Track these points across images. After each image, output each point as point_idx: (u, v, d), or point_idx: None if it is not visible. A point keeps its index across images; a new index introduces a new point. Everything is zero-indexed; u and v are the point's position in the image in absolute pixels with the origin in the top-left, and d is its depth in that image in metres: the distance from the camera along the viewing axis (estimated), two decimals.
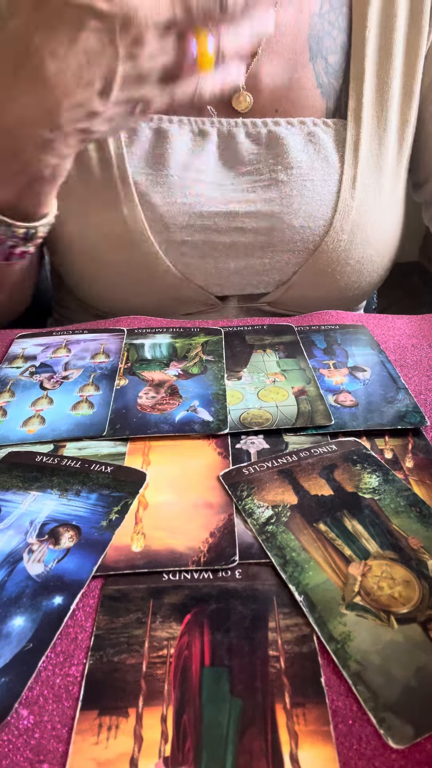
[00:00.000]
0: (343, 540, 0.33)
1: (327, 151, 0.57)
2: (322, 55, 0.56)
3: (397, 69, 0.56)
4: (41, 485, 0.37)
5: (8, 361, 0.51)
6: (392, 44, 0.56)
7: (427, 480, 0.37)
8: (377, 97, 0.57)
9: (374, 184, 0.58)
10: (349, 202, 0.57)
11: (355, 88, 0.56)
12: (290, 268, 0.60)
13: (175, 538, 0.33)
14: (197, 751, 0.24)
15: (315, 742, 0.24)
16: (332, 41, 0.56)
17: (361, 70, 0.56)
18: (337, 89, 0.57)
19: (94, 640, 0.28)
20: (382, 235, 0.61)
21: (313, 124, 0.57)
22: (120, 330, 0.55)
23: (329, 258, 0.59)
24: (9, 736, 0.25)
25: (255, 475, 0.37)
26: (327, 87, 0.57)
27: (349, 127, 0.57)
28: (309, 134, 0.56)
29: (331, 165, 0.57)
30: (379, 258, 0.62)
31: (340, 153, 0.57)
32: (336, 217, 0.57)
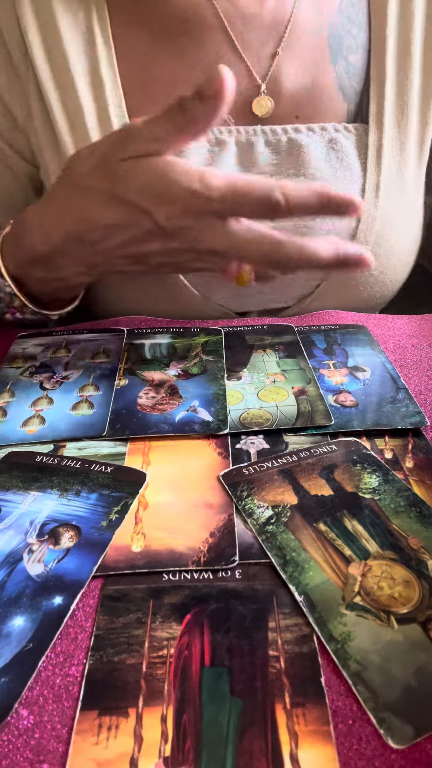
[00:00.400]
0: (343, 540, 0.33)
1: (349, 159, 0.55)
2: (343, 55, 0.54)
3: (416, 67, 0.54)
4: (41, 485, 0.37)
5: (8, 361, 0.51)
6: (411, 42, 0.54)
7: (427, 480, 0.37)
8: (398, 100, 0.55)
9: (397, 191, 0.56)
10: (372, 212, 0.55)
11: (377, 90, 0.54)
12: (313, 282, 0.58)
13: (175, 538, 0.33)
14: (197, 751, 0.24)
15: (315, 742, 0.24)
16: (353, 39, 0.54)
17: (382, 70, 0.54)
18: (358, 91, 0.55)
19: (94, 640, 0.28)
20: (405, 242, 0.59)
21: (334, 130, 0.54)
22: (120, 330, 0.55)
23: None
24: (9, 736, 0.25)
25: (255, 475, 0.37)
26: (348, 89, 0.55)
27: (372, 132, 0.55)
28: (330, 141, 0.54)
29: (353, 173, 0.55)
30: (402, 266, 0.61)
31: (362, 160, 0.55)
32: (360, 228, 0.55)
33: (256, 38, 0.52)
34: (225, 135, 0.54)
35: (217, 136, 0.53)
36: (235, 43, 0.52)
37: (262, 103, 0.54)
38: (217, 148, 0.54)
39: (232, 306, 0.60)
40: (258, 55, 0.53)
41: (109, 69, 0.52)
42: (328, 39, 0.54)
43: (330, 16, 0.54)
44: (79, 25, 0.51)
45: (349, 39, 0.54)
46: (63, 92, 0.52)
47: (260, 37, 0.52)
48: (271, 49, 0.53)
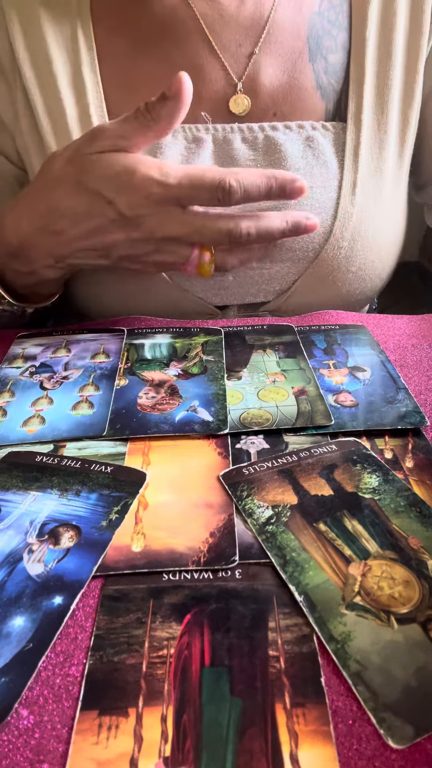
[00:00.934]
0: (343, 540, 0.33)
1: (326, 156, 0.55)
2: (322, 55, 0.55)
3: (398, 69, 0.55)
4: (41, 485, 0.37)
5: (8, 361, 0.51)
6: (392, 43, 0.54)
7: (427, 480, 0.37)
8: (378, 99, 0.55)
9: (375, 189, 0.57)
10: (348, 208, 0.56)
11: (356, 90, 0.55)
12: (290, 277, 0.59)
13: (175, 538, 0.33)
14: (197, 751, 0.24)
15: (315, 742, 0.24)
16: (332, 40, 0.55)
17: (361, 70, 0.55)
18: (337, 90, 0.56)
19: (94, 640, 0.28)
20: (384, 240, 0.60)
21: (311, 128, 0.55)
22: (120, 330, 0.55)
23: (330, 266, 0.58)
24: (9, 736, 0.25)
25: (255, 475, 0.37)
26: (327, 88, 0.56)
27: (349, 131, 0.55)
28: (307, 139, 0.55)
29: (330, 171, 0.55)
30: (381, 263, 0.61)
31: (339, 158, 0.56)
32: (336, 224, 0.56)
33: (233, 39, 0.54)
34: (202, 132, 0.55)
35: (195, 134, 0.54)
36: (212, 44, 0.53)
37: (239, 101, 0.55)
38: (194, 144, 0.55)
39: (212, 299, 0.60)
40: (235, 56, 0.54)
41: (91, 73, 0.54)
42: (307, 39, 0.55)
43: (309, 17, 0.55)
44: (64, 32, 0.53)
45: (329, 40, 0.55)
46: (47, 96, 0.54)
47: (237, 37, 0.54)
48: (249, 49, 0.54)
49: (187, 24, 0.53)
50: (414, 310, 0.61)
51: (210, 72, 0.54)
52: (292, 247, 0.57)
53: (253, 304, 0.62)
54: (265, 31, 0.54)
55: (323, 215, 0.56)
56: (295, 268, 0.58)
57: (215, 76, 0.54)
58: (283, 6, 0.54)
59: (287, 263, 0.58)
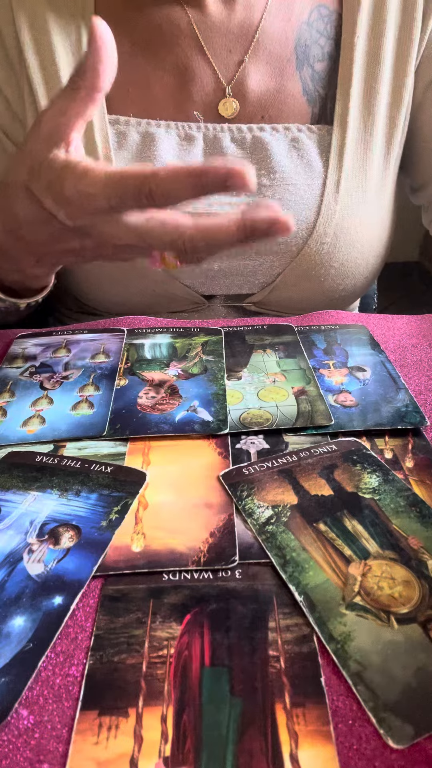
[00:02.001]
0: (343, 540, 0.33)
1: (310, 156, 0.57)
2: (309, 63, 0.57)
3: (386, 74, 0.57)
4: (41, 485, 0.37)
5: (8, 361, 0.51)
6: (381, 49, 0.56)
7: (427, 480, 0.37)
8: (364, 102, 0.57)
9: (359, 188, 0.59)
10: (332, 205, 0.58)
11: (342, 94, 0.57)
12: (274, 270, 0.60)
13: (175, 538, 0.33)
14: (197, 751, 0.24)
15: (315, 742, 0.24)
16: (320, 49, 0.57)
17: (348, 75, 0.56)
18: (323, 96, 0.58)
19: (94, 640, 0.28)
20: (368, 238, 0.61)
21: (297, 129, 0.57)
22: (120, 330, 0.55)
23: (313, 261, 0.59)
24: (9, 736, 0.25)
25: (255, 475, 0.37)
26: (313, 94, 0.58)
27: (335, 133, 0.57)
28: (293, 140, 0.57)
29: (314, 170, 0.57)
30: (364, 261, 0.63)
31: (324, 158, 0.58)
32: (319, 220, 0.58)
33: (224, 45, 0.56)
34: (194, 130, 0.57)
35: (187, 131, 0.57)
36: (204, 49, 0.56)
37: (228, 104, 0.57)
38: (185, 142, 0.57)
39: (198, 288, 0.62)
40: (225, 61, 0.57)
41: None
42: (295, 48, 0.57)
43: (298, 26, 0.57)
44: (69, 31, 0.55)
45: (316, 49, 0.57)
46: (50, 90, 0.55)
47: (228, 44, 0.56)
48: (239, 56, 0.57)
49: (181, 30, 0.55)
50: (414, 310, 0.61)
51: (201, 76, 0.56)
52: (276, 241, 0.58)
53: (239, 296, 0.63)
54: (255, 39, 0.56)
55: (306, 212, 0.58)
56: (278, 262, 0.60)
57: (206, 80, 0.57)
58: (272, 15, 0.56)
59: (271, 256, 0.59)
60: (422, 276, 2.21)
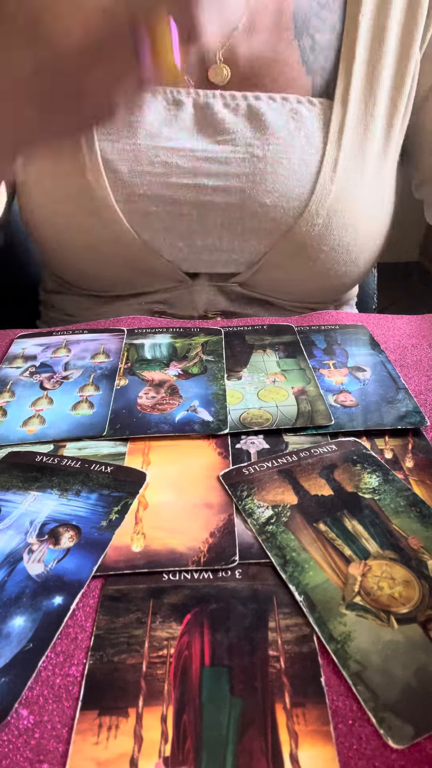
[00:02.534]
0: (343, 540, 0.33)
1: (309, 130, 0.55)
2: (308, 33, 0.55)
3: (390, 55, 0.55)
4: (41, 485, 0.37)
5: (8, 361, 0.51)
6: (386, 29, 0.54)
7: (427, 480, 0.37)
8: (366, 82, 0.55)
9: (357, 170, 0.56)
10: (327, 185, 0.55)
11: (345, 69, 0.55)
12: (261, 249, 0.58)
13: (175, 538, 0.33)
14: (197, 751, 0.24)
15: (315, 742, 0.24)
16: (320, 21, 0.55)
17: (351, 51, 0.54)
18: (326, 69, 0.56)
19: (94, 640, 0.28)
20: (363, 223, 0.59)
21: (297, 101, 0.55)
22: (120, 330, 0.55)
23: (302, 241, 0.57)
24: (9, 736, 0.25)
25: (255, 475, 0.37)
26: (313, 65, 0.55)
27: (336, 109, 0.55)
28: (291, 110, 0.55)
29: (313, 145, 0.55)
30: (357, 248, 0.60)
31: (323, 134, 0.55)
32: (312, 199, 0.55)
33: None
34: (183, 95, 0.54)
35: (175, 96, 0.54)
36: None
37: (218, 71, 0.54)
38: (173, 106, 0.54)
39: (180, 265, 0.59)
40: None
41: None
42: (294, 16, 0.54)
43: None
44: None
45: (316, 20, 0.55)
46: None
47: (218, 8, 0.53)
48: None
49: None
50: (414, 310, 0.61)
51: None
52: (264, 217, 0.56)
53: (224, 275, 0.61)
54: (248, 3, 0.53)
55: (299, 189, 0.55)
56: (266, 240, 0.58)
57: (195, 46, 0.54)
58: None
59: (258, 234, 0.57)
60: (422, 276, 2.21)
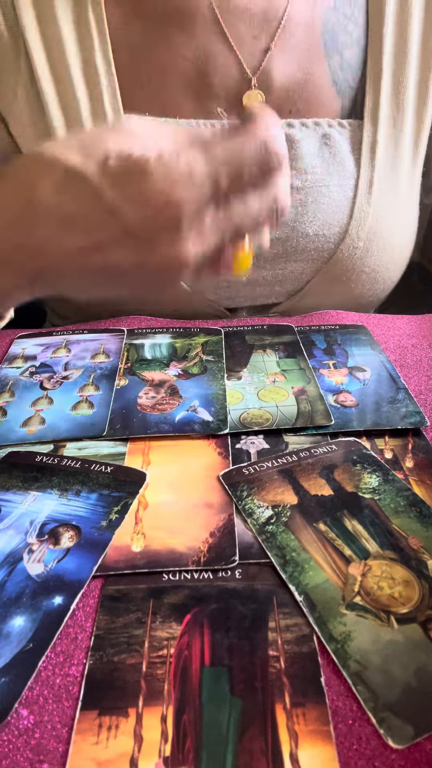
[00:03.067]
0: (343, 540, 0.33)
1: (343, 155, 0.54)
2: (338, 50, 0.54)
3: (413, 67, 0.54)
4: (41, 485, 0.37)
5: (8, 361, 0.51)
6: (408, 40, 0.54)
7: (427, 480, 0.37)
8: (393, 97, 0.54)
9: (391, 189, 0.56)
10: (365, 207, 0.55)
11: (373, 86, 0.54)
12: (304, 278, 0.58)
13: (175, 538, 0.33)
14: (197, 751, 0.24)
15: (315, 742, 0.24)
16: (348, 36, 0.54)
17: (378, 66, 0.54)
18: (353, 87, 0.55)
19: (94, 640, 0.28)
20: (398, 240, 0.59)
21: (328, 125, 0.54)
22: (120, 330, 0.55)
23: (344, 266, 0.57)
24: (9, 736, 0.25)
25: (255, 475, 0.37)
26: (342, 84, 0.55)
27: (366, 128, 0.54)
28: (324, 136, 0.54)
29: (346, 169, 0.55)
30: (394, 265, 0.60)
31: (356, 155, 0.55)
32: (352, 224, 0.55)
33: (249, 32, 0.52)
34: None
35: None
36: (227, 35, 0.51)
37: (253, 97, 0.53)
38: None
39: (222, 302, 0.59)
40: (250, 49, 0.52)
41: (103, 60, 0.51)
42: (323, 34, 0.53)
43: (324, 11, 0.53)
44: (75, 18, 0.50)
45: (344, 35, 0.54)
46: (57, 81, 0.51)
47: (252, 31, 0.52)
48: (264, 43, 0.52)
49: (201, 12, 0.51)
50: (414, 310, 0.61)
51: (224, 66, 0.52)
52: (307, 247, 0.56)
53: (265, 306, 0.61)
54: (281, 25, 0.52)
55: (339, 214, 0.55)
56: (309, 269, 0.57)
57: (229, 71, 0.52)
58: (297, 0, 0.52)
59: (301, 263, 0.57)
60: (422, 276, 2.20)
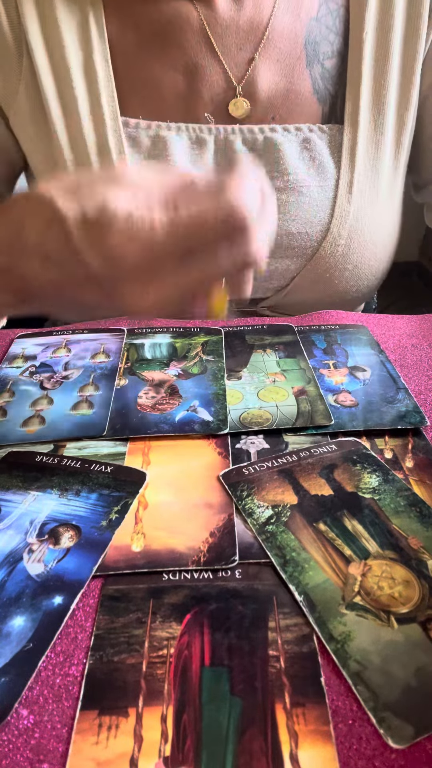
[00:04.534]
0: (343, 540, 0.33)
1: (322, 157, 0.57)
2: (319, 61, 0.57)
3: (395, 70, 0.56)
4: (41, 485, 0.37)
5: (8, 361, 0.51)
6: (389, 45, 0.55)
7: (427, 480, 0.37)
8: (374, 100, 0.57)
9: (371, 188, 0.58)
10: (345, 206, 0.58)
11: (352, 92, 0.56)
12: (288, 274, 0.60)
13: (175, 538, 0.33)
14: (197, 751, 0.24)
15: (315, 742, 0.24)
16: (329, 46, 0.57)
17: (357, 73, 0.56)
18: (333, 94, 0.58)
19: (94, 640, 0.28)
20: (380, 238, 0.61)
21: (308, 130, 0.57)
22: (120, 330, 0.55)
23: (327, 263, 0.59)
24: (9, 736, 0.25)
25: (255, 475, 0.37)
26: (323, 92, 0.57)
27: (346, 132, 0.57)
28: (304, 140, 0.57)
29: (327, 171, 0.57)
30: (377, 261, 0.62)
31: (336, 158, 0.57)
32: (333, 222, 0.58)
33: (234, 43, 0.55)
34: (205, 133, 0.56)
35: (198, 134, 0.56)
36: (214, 47, 0.55)
37: (239, 104, 0.56)
38: (196, 145, 0.56)
39: None
40: (235, 60, 0.55)
41: (103, 62, 0.54)
42: (305, 45, 0.56)
43: (307, 23, 0.56)
44: (76, 20, 0.53)
45: (326, 45, 0.56)
46: (58, 81, 0.53)
47: (238, 42, 0.55)
48: (249, 53, 0.56)
49: (191, 26, 0.54)
50: (414, 310, 0.61)
51: (211, 75, 0.55)
52: (291, 244, 0.58)
53: (252, 300, 0.63)
54: (265, 37, 0.55)
55: (320, 214, 0.57)
56: (293, 265, 0.60)
57: (216, 79, 0.56)
58: (281, 11, 0.55)
59: (285, 260, 0.59)
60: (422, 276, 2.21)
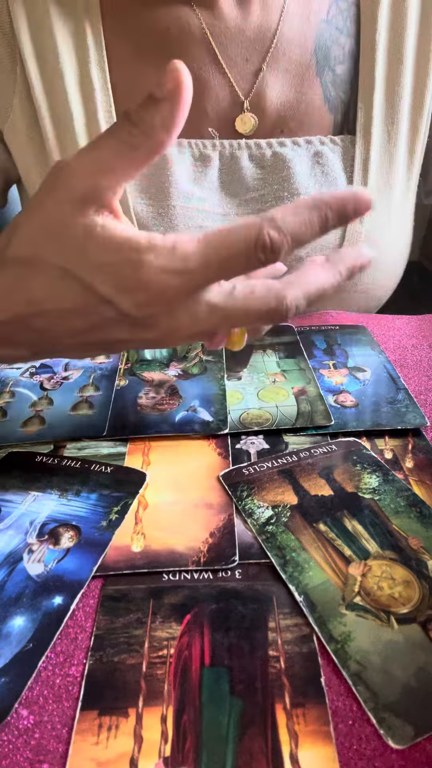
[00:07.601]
0: (343, 540, 0.33)
1: (335, 173, 0.54)
2: (330, 67, 0.53)
3: (408, 74, 0.53)
4: (41, 485, 0.37)
5: None
6: (403, 46, 0.52)
7: (427, 480, 0.37)
8: (387, 108, 0.53)
9: (384, 206, 0.55)
10: (357, 228, 0.54)
11: (365, 100, 0.53)
12: None
13: (175, 538, 0.33)
14: (197, 751, 0.24)
15: (315, 742, 0.24)
16: (340, 49, 0.53)
17: (371, 79, 0.52)
18: (345, 102, 0.54)
19: (94, 640, 0.28)
20: (392, 257, 0.59)
21: (320, 143, 0.53)
22: None
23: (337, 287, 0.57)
24: (9, 736, 0.25)
25: (255, 476, 0.37)
26: (334, 100, 0.54)
27: (358, 144, 0.54)
28: (316, 154, 0.53)
29: (339, 186, 0.54)
30: (388, 281, 0.60)
31: (348, 173, 0.54)
32: (344, 245, 0.55)
33: (240, 53, 0.51)
34: (209, 149, 0.53)
35: (202, 150, 0.53)
36: (218, 57, 0.51)
37: (245, 120, 0.53)
38: (200, 162, 0.53)
39: None
40: (242, 71, 0.52)
41: (99, 73, 0.51)
42: (315, 51, 0.52)
43: (317, 26, 0.52)
44: (71, 29, 0.50)
45: (336, 49, 0.53)
46: (51, 93, 0.51)
47: (244, 52, 0.51)
48: (256, 64, 0.52)
49: (192, 35, 0.50)
50: (414, 310, 0.61)
51: (216, 88, 0.52)
52: (298, 268, 0.56)
53: None
54: (273, 45, 0.51)
55: (330, 236, 0.54)
56: None
57: (221, 93, 0.52)
58: (290, 15, 0.51)
59: None
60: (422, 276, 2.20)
